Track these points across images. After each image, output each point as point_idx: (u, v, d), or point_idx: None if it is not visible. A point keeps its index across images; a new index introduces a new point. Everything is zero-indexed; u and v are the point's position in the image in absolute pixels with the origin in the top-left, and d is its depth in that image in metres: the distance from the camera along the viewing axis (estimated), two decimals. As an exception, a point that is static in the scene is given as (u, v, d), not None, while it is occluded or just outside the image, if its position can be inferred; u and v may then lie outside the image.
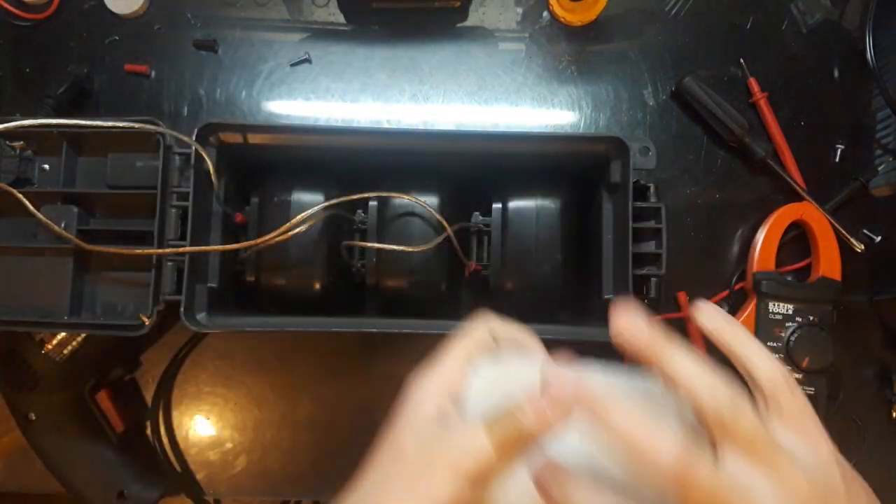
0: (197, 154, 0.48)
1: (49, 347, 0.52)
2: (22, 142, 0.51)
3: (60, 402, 0.55)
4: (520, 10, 0.62)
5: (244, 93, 0.61)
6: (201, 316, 0.49)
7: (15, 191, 0.48)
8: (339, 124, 0.60)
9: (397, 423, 0.31)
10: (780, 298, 0.56)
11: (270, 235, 0.49)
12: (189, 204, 0.48)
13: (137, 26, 0.62)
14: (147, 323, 0.47)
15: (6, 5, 0.60)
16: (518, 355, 0.35)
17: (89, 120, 0.48)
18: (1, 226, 0.52)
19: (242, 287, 0.53)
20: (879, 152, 0.60)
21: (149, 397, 0.60)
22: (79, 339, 0.53)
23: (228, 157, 0.51)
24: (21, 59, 0.61)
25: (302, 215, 0.49)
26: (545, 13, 0.62)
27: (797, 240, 0.60)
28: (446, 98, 0.62)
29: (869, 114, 0.61)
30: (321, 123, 0.60)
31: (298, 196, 0.52)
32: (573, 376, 0.28)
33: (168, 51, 0.61)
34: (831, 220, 0.57)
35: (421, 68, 0.62)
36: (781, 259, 0.58)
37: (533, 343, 0.36)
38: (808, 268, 0.59)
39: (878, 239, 0.60)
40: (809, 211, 0.58)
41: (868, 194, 0.60)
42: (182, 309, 0.47)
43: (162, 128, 0.48)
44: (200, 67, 0.61)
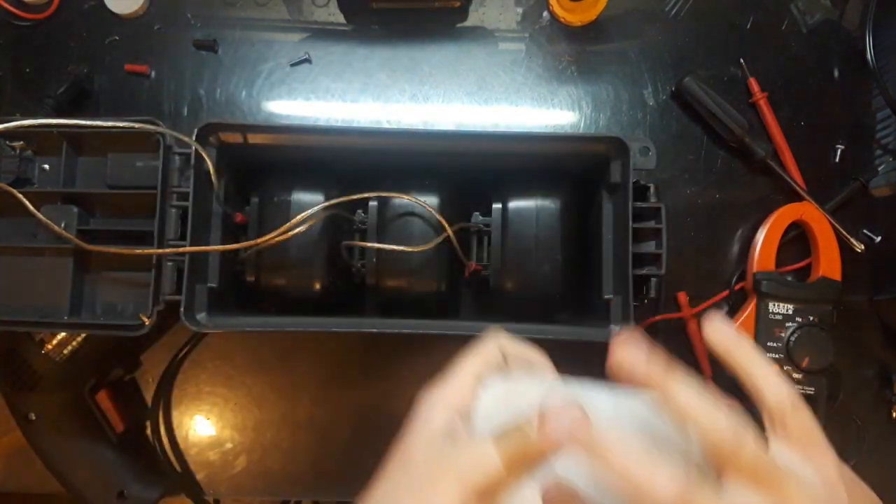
0: (197, 154, 0.48)
1: (49, 347, 0.53)
2: (22, 142, 0.51)
3: (60, 402, 0.55)
4: (520, 10, 0.62)
5: (244, 93, 0.61)
6: (201, 316, 0.49)
7: (15, 191, 0.48)
8: (339, 124, 0.60)
9: (407, 438, 0.31)
10: (780, 298, 0.56)
11: (270, 235, 0.49)
12: (189, 204, 0.48)
13: (137, 26, 0.62)
14: (147, 323, 0.47)
15: (6, 5, 0.60)
16: (527, 374, 0.35)
17: (89, 120, 0.48)
18: (1, 226, 0.52)
19: (242, 287, 0.53)
20: (879, 152, 0.60)
21: (149, 397, 0.60)
22: (79, 339, 0.53)
23: (228, 157, 0.51)
24: (21, 59, 0.61)
25: (302, 215, 0.49)
26: (545, 13, 0.62)
27: (797, 240, 0.60)
28: (446, 98, 0.62)
29: (869, 114, 0.61)
30: (321, 123, 0.60)
31: (298, 196, 0.52)
32: (574, 410, 0.27)
33: (168, 51, 0.61)
34: (831, 220, 0.57)
35: (421, 68, 0.62)
36: (781, 259, 0.58)
37: (543, 361, 0.36)
38: (808, 268, 0.59)
39: (878, 239, 0.60)
40: (809, 211, 0.58)
41: (868, 194, 0.60)
42: (182, 309, 0.47)
43: (162, 128, 0.48)
44: (200, 67, 0.61)
